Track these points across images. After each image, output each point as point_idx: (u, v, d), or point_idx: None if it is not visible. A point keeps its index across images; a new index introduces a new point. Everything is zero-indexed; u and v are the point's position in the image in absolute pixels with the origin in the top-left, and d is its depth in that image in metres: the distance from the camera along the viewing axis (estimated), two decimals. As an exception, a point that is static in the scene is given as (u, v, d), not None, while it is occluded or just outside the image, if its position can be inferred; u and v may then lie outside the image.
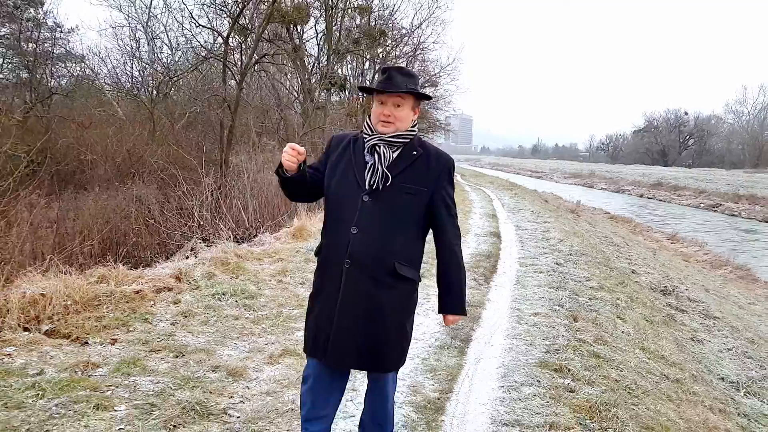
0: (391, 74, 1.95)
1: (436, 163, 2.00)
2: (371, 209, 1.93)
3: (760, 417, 4.44)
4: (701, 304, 8.37)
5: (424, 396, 3.02)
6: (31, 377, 2.87)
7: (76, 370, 2.98)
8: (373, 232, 1.92)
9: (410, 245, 2.00)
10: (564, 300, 5.27)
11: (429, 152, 2.01)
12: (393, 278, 1.94)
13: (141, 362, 3.13)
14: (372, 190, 1.94)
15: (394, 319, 1.97)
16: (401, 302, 1.99)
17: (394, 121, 1.96)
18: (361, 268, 1.92)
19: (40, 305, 3.65)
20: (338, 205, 1.99)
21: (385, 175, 1.93)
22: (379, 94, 1.97)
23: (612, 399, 3.15)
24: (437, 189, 1.98)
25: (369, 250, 1.92)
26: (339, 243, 1.94)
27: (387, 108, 1.95)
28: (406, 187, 1.95)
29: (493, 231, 9.81)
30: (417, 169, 1.97)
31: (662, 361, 4.66)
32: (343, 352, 1.95)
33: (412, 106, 2.00)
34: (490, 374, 3.42)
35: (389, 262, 1.93)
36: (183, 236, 8.57)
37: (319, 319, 2.00)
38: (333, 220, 2.00)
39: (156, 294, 4.33)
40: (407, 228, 1.97)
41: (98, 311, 3.82)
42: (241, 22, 15.35)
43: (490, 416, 2.85)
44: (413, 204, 1.96)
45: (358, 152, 2.01)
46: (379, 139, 1.96)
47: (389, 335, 1.97)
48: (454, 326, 4.29)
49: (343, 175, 2.00)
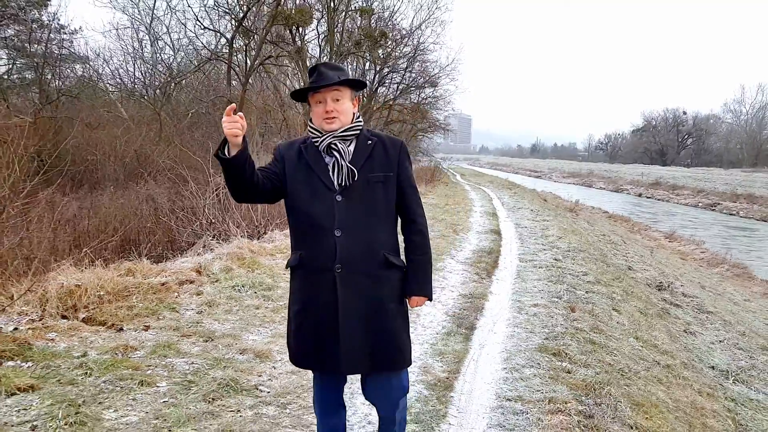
0: (320, 70, 1.93)
1: (392, 147, 2.00)
2: (348, 208, 1.90)
3: (746, 401, 4.72)
4: (695, 299, 8.64)
5: (434, 376, 3.31)
6: (76, 359, 3.16)
7: (116, 353, 3.27)
8: (357, 230, 1.90)
9: (392, 233, 2.00)
10: (562, 293, 5.56)
11: (382, 138, 2.02)
12: (387, 270, 1.94)
13: (174, 346, 3.42)
14: (343, 189, 1.91)
15: (395, 310, 1.97)
16: (396, 291, 1.99)
17: (337, 115, 1.93)
18: (354, 269, 1.89)
19: (76, 295, 3.94)
20: (313, 213, 1.92)
21: (351, 170, 1.90)
22: (314, 93, 1.93)
23: (606, 379, 3.44)
24: (401, 171, 1.99)
25: (358, 249, 1.90)
26: (324, 250, 1.89)
27: (327, 104, 1.92)
28: (374, 176, 1.94)
29: (494, 229, 10.10)
30: (377, 157, 1.96)
31: (654, 349, 4.95)
32: (357, 358, 1.91)
33: (350, 97, 1.97)
34: (493, 358, 3.71)
35: (380, 256, 1.92)
36: (193, 234, 8.85)
37: (318, 332, 1.93)
38: (310, 229, 1.93)
39: (179, 286, 4.62)
40: (386, 217, 1.97)
41: (129, 301, 4.11)
42: (244, 24, 15.65)
43: (494, 393, 3.14)
44: (386, 191, 1.96)
45: (314, 156, 1.96)
46: (332, 137, 1.93)
47: (398, 330, 1.97)
48: (459, 315, 4.60)
49: (307, 182, 1.94)
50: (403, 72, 22.35)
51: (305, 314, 1.95)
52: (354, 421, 2.71)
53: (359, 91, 2.07)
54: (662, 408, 3.42)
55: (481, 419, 2.84)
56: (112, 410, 2.63)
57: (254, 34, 15.71)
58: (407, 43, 21.93)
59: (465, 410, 2.94)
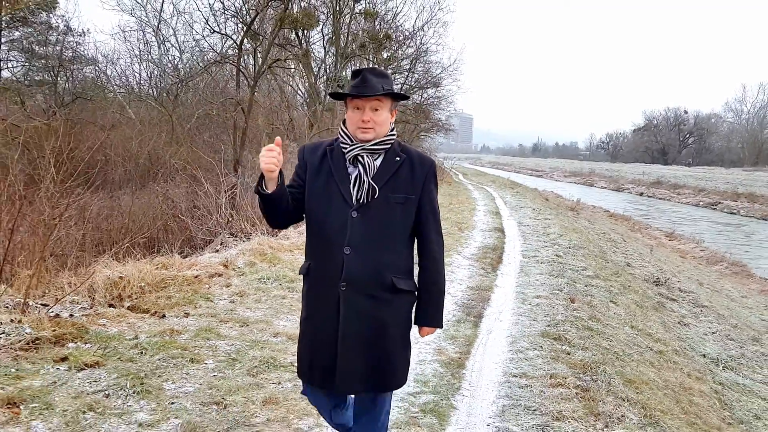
0: (365, 77, 1.84)
1: (420, 168, 1.91)
2: (362, 226, 1.83)
3: (733, 385, 5.10)
4: (691, 294, 9.01)
5: (447, 356, 3.70)
6: (130, 341, 3.55)
7: (164, 336, 3.67)
8: (367, 250, 1.83)
9: (404, 256, 1.93)
10: (563, 286, 5.95)
11: (412, 157, 1.93)
12: (392, 294, 1.87)
13: (214, 330, 3.82)
14: (360, 204, 1.84)
15: (398, 334, 1.92)
16: (402, 316, 1.93)
17: (374, 126, 1.84)
18: (358, 289, 1.84)
19: (120, 286, 4.34)
20: (325, 224, 1.87)
21: (372, 187, 1.83)
22: (354, 99, 1.85)
23: (601, 359, 3.83)
24: (423, 194, 1.90)
25: (365, 270, 1.83)
26: (331, 265, 1.84)
27: (365, 113, 1.83)
28: (395, 197, 1.86)
29: (497, 227, 10.49)
30: (402, 177, 1.88)
31: (648, 337, 5.33)
32: (351, 378, 1.87)
33: (389, 108, 1.89)
34: (500, 342, 4.10)
35: (387, 279, 1.86)
36: (208, 231, 9.25)
37: (315, 345, 1.91)
38: (321, 240, 1.89)
39: (210, 278, 5.02)
40: (400, 239, 1.89)
41: (167, 291, 4.51)
42: (252, 27, 16.03)
43: (502, 370, 3.53)
44: (404, 214, 1.88)
45: (338, 164, 1.88)
46: (361, 149, 1.85)
47: (395, 352, 1.92)
48: (468, 305, 4.99)
49: (325, 190, 1.88)
50: (407, 73, 22.75)
51: (307, 324, 1.95)
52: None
53: (399, 102, 1.98)
54: (652, 386, 3.81)
55: (491, 391, 3.23)
56: (170, 382, 3.02)
57: (263, 37, 16.09)
58: (410, 45, 22.34)
59: (476, 384, 3.33)
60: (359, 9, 20.08)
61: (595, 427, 2.86)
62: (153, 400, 2.79)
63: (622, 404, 3.22)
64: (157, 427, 2.55)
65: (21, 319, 3.54)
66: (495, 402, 3.10)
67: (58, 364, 3.15)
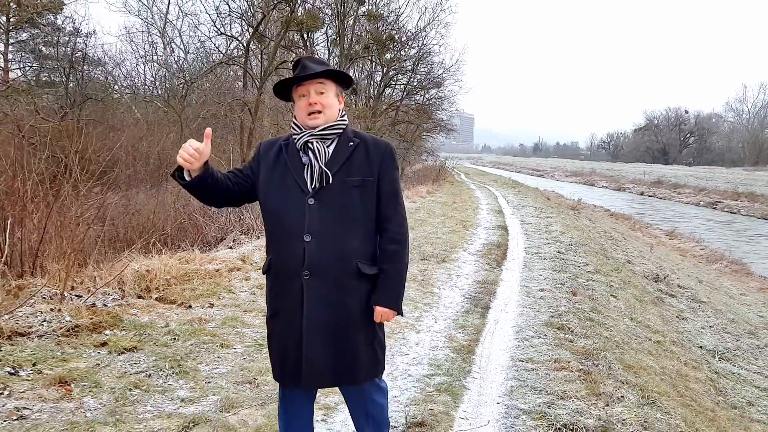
0: (304, 63, 1.87)
1: (375, 150, 1.90)
2: (320, 212, 1.81)
3: (728, 374, 5.35)
4: (690, 290, 9.24)
5: (458, 343, 3.95)
6: (162, 328, 3.81)
7: (193, 324, 3.92)
8: (328, 235, 1.80)
9: (368, 241, 1.89)
10: (565, 280, 6.20)
11: (366, 141, 1.91)
12: (358, 280, 1.84)
13: (239, 319, 4.08)
14: (316, 191, 1.82)
15: (364, 323, 1.88)
16: (369, 303, 1.88)
17: (322, 109, 1.85)
18: (322, 277, 1.80)
19: (147, 279, 4.60)
20: (283, 215, 1.84)
21: (324, 172, 1.82)
22: (298, 86, 1.88)
23: (602, 347, 4.08)
24: (382, 176, 1.88)
25: (328, 256, 1.80)
26: (292, 255, 1.81)
27: (310, 97, 1.85)
28: (351, 180, 1.84)
29: (501, 225, 10.75)
30: (357, 160, 1.86)
31: (647, 328, 5.58)
32: (318, 372, 1.83)
33: (335, 92, 1.90)
34: (507, 330, 4.35)
35: (351, 264, 1.82)
36: (219, 229, 9.52)
37: (282, 341, 1.87)
38: (280, 232, 1.86)
39: (229, 272, 5.27)
40: (362, 224, 1.86)
41: (191, 284, 4.77)
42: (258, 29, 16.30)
43: (509, 356, 3.78)
44: (363, 197, 1.85)
45: (292, 154, 1.88)
46: (309, 135, 1.85)
47: (361, 342, 1.88)
48: (475, 298, 5.23)
49: (282, 181, 1.87)
50: (410, 74, 23.00)
51: (274, 323, 1.91)
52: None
53: (346, 89, 1.99)
54: (650, 372, 4.05)
55: (499, 374, 3.48)
56: (204, 365, 3.28)
57: (269, 39, 16.35)
58: (412, 46, 22.59)
59: (485, 368, 3.58)
60: (363, 11, 20.36)
61: (596, 406, 3.10)
62: (191, 380, 3.05)
63: (621, 386, 3.46)
64: (198, 403, 2.80)
65: (60, 308, 3.80)
66: (503, 383, 3.35)
67: (99, 349, 3.41)
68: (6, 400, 2.71)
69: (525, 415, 2.94)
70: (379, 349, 1.95)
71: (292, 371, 1.85)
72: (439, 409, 2.91)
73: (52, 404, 2.70)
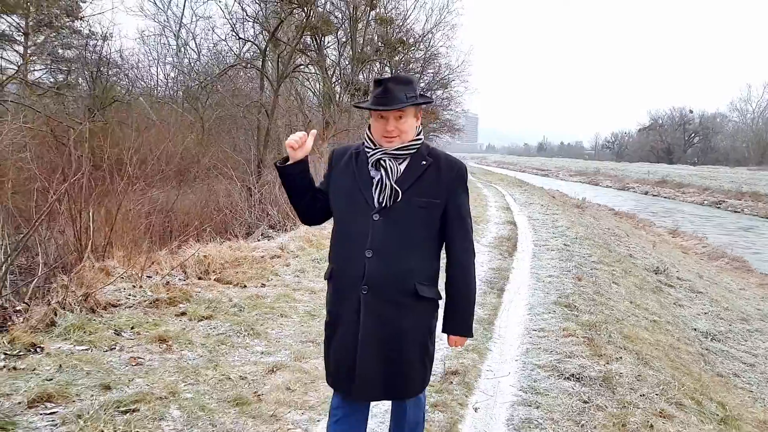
0: (387, 87, 1.80)
1: (448, 172, 1.88)
2: (384, 229, 1.81)
3: (718, 351, 5.96)
4: (688, 282, 9.83)
5: (479, 317, 4.59)
6: (227, 302, 4.47)
7: (252, 299, 4.58)
8: (389, 254, 1.81)
9: (428, 262, 1.89)
10: (571, 268, 6.84)
11: (439, 160, 1.89)
12: (414, 300, 1.84)
13: (290, 295, 4.73)
14: (382, 208, 1.81)
15: (418, 343, 1.88)
16: (424, 324, 1.89)
17: (399, 134, 1.83)
18: (380, 293, 1.81)
19: (205, 263, 5.26)
20: (347, 227, 1.87)
21: (395, 190, 1.81)
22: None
23: (603, 320, 4.71)
24: (450, 199, 1.87)
25: (387, 274, 1.81)
26: (353, 268, 1.83)
27: (389, 123, 1.82)
28: (418, 201, 1.83)
29: (510, 220, 11.38)
30: (428, 181, 1.85)
31: (646, 311, 6.20)
32: (369, 384, 1.86)
33: (414, 113, 1.87)
34: (521, 307, 4.99)
35: (409, 284, 1.83)
36: (246, 224, 10.22)
37: (338, 350, 1.90)
38: (343, 243, 1.89)
39: (272, 259, 5.93)
40: (424, 244, 1.86)
41: (242, 268, 5.43)
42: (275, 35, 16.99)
43: (524, 327, 4.43)
44: (428, 218, 1.85)
45: (362, 167, 1.88)
46: (383, 153, 1.84)
47: (414, 360, 1.89)
48: (491, 282, 5.87)
49: (349, 193, 1.87)
50: (418, 75, 23.65)
51: (332, 329, 1.93)
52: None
53: (425, 104, 1.96)
54: (646, 342, 4.69)
55: (516, 340, 4.13)
56: (270, 329, 3.94)
57: (285, 44, 17.03)
58: (419, 48, 23.20)
59: (504, 335, 4.23)
60: (373, 15, 21.00)
61: (598, 363, 3.74)
62: (264, 339, 3.71)
63: (619, 350, 4.10)
64: (275, 355, 3.46)
65: (141, 285, 4.47)
66: (520, 346, 3.99)
67: (179, 318, 4.08)
68: (120, 353, 3.37)
69: (539, 368, 3.58)
70: (429, 365, 1.97)
71: (344, 381, 1.89)
72: (469, 363, 3.56)
73: (159, 355, 3.37)
